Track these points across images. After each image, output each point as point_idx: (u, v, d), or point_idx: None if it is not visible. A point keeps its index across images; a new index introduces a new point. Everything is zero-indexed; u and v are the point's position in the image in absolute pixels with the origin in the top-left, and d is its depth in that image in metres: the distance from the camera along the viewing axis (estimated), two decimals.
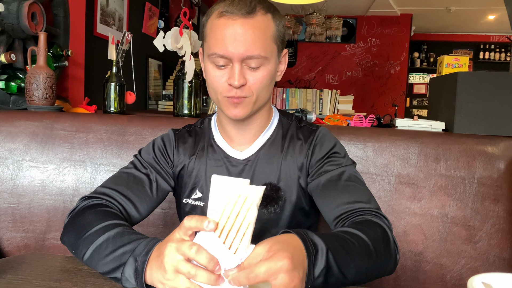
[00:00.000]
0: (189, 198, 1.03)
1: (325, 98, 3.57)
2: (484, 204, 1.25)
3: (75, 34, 2.16)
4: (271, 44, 0.89)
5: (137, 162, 1.01)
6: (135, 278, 0.66)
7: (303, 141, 1.00)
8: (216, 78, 0.90)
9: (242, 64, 0.87)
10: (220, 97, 0.92)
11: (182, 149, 1.04)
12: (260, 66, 0.88)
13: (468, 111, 1.36)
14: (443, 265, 1.25)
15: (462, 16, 6.17)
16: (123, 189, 0.94)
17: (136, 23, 3.47)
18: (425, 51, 7.49)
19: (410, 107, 7.25)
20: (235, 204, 0.59)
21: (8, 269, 0.73)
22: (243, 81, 0.87)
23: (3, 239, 1.29)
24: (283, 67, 0.99)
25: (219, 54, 0.86)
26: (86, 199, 0.91)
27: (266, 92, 0.93)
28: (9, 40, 1.72)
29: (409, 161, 1.29)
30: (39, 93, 1.60)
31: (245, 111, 0.91)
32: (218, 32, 0.87)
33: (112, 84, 1.67)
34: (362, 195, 0.89)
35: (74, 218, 0.86)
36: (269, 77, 0.91)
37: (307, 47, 6.55)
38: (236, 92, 0.88)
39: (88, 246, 0.75)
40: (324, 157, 0.97)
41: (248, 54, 0.85)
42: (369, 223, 0.81)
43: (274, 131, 1.02)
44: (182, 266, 0.60)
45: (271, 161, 0.99)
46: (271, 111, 1.04)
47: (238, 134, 1.00)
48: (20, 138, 1.33)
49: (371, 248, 0.74)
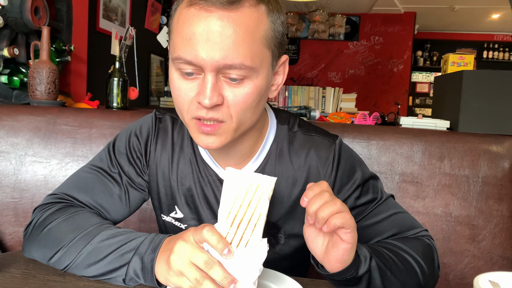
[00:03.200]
0: (167, 215, 0.86)
1: (328, 96, 3.57)
2: (488, 203, 1.25)
3: (78, 29, 2.15)
4: (262, 50, 0.65)
5: (107, 160, 0.83)
6: (144, 276, 0.65)
7: (319, 165, 0.79)
8: (182, 92, 0.66)
9: (218, 75, 0.64)
10: (187, 119, 0.69)
11: (161, 145, 0.83)
12: (244, 79, 0.64)
13: (473, 110, 1.36)
14: (446, 264, 1.25)
15: (466, 15, 6.15)
16: (86, 196, 0.79)
17: (139, 18, 3.46)
18: (429, 50, 7.48)
19: (412, 106, 7.24)
20: (247, 192, 0.59)
21: (11, 263, 0.73)
22: (217, 100, 0.63)
23: (5, 233, 1.29)
24: (281, 80, 0.74)
25: (185, 60, 0.63)
26: (47, 206, 0.78)
27: (251, 115, 0.69)
28: (12, 34, 1.71)
29: (413, 160, 1.28)
30: (42, 88, 1.59)
31: (221, 141, 0.68)
32: (186, 27, 0.63)
33: (115, 79, 1.66)
34: (404, 224, 0.81)
35: (40, 228, 0.73)
36: (256, 96, 0.66)
37: (310, 44, 6.53)
38: (207, 113, 0.65)
39: (74, 256, 0.68)
40: (351, 197, 0.79)
41: (225, 63, 0.62)
42: (413, 241, 0.78)
43: (271, 148, 0.80)
44: (188, 271, 0.59)
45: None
46: (265, 122, 0.81)
47: (220, 155, 0.80)
48: (23, 132, 1.32)
49: (415, 267, 0.73)
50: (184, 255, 0.60)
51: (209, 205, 0.82)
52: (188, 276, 0.59)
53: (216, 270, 0.58)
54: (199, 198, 0.82)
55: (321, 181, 0.64)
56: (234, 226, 0.59)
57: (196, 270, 0.59)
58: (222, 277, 0.58)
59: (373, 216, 0.80)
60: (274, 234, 0.83)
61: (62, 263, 0.70)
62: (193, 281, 0.59)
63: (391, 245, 0.75)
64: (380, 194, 0.83)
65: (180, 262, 0.60)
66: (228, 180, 0.61)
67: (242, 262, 0.59)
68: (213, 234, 0.58)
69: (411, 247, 0.75)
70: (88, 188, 0.81)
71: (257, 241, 0.60)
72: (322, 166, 0.79)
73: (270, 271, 0.72)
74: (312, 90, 3.63)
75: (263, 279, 0.70)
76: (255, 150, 0.80)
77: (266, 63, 0.67)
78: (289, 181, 0.80)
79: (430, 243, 0.80)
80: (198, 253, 0.59)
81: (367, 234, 0.81)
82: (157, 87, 3.93)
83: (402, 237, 0.80)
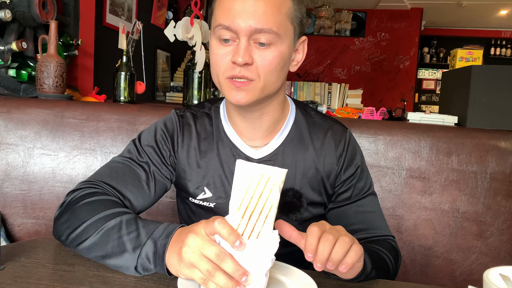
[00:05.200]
0: (194, 198, 0.93)
1: (334, 91, 3.55)
2: (496, 200, 1.24)
3: (85, 23, 2.16)
4: (286, 22, 0.79)
5: (134, 151, 0.90)
6: (155, 260, 0.66)
7: (334, 146, 0.92)
8: (219, 56, 0.79)
9: (250, 40, 0.77)
10: (221, 79, 0.81)
11: (187, 137, 0.92)
12: (271, 44, 0.78)
13: (482, 105, 1.35)
14: (453, 260, 1.24)
15: (474, 11, 6.10)
16: (117, 183, 0.84)
17: (145, 13, 3.46)
18: (435, 46, 7.42)
19: (418, 103, 7.20)
20: (258, 184, 0.59)
21: (21, 253, 0.73)
22: (248, 59, 0.77)
23: (14, 225, 1.30)
24: (301, 57, 0.88)
25: (224, 25, 0.77)
26: (82, 188, 0.82)
27: (276, 78, 0.81)
28: (20, 29, 1.72)
29: (420, 155, 1.28)
30: (50, 82, 1.60)
31: (249, 97, 0.80)
32: (226, 2, 0.78)
33: (122, 73, 1.67)
34: (379, 224, 0.93)
35: (69, 207, 0.78)
36: (280, 60, 0.80)
37: (315, 40, 6.51)
38: (240, 71, 0.77)
39: (93, 232, 0.71)
40: (352, 176, 0.93)
41: (257, 27, 0.75)
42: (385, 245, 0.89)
43: (292, 128, 0.92)
44: (200, 264, 0.59)
45: (291, 162, 0.90)
46: (286, 103, 0.93)
47: (247, 128, 0.90)
48: (31, 125, 1.33)
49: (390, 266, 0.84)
50: (196, 247, 0.60)
51: None
52: (200, 268, 0.59)
53: (227, 263, 0.59)
54: (226, 176, 0.90)
55: (320, 222, 0.68)
56: (246, 218, 0.59)
57: (208, 262, 0.59)
58: (233, 269, 0.58)
59: (360, 204, 0.93)
60: (299, 198, 0.91)
61: (79, 238, 0.72)
62: (205, 273, 0.59)
63: (371, 246, 0.85)
64: (369, 186, 0.96)
65: (192, 255, 0.60)
66: (239, 172, 0.61)
67: (254, 254, 0.59)
68: (224, 226, 0.58)
69: (386, 249, 0.87)
70: (119, 175, 0.86)
71: (269, 232, 0.60)
72: (337, 147, 0.92)
73: (280, 264, 0.72)
74: (318, 86, 3.61)
75: (274, 272, 0.70)
76: (279, 127, 0.91)
77: (289, 35, 0.80)
78: (310, 157, 0.91)
79: (396, 247, 0.92)
80: (210, 245, 0.59)
81: (348, 218, 0.92)
82: (163, 82, 3.94)
83: (374, 237, 0.91)
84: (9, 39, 1.65)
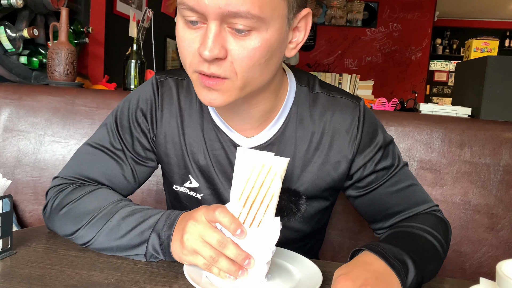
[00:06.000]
0: (181, 185, 0.82)
1: (344, 82, 3.52)
2: (508, 193, 1.22)
3: (96, 11, 2.16)
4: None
5: (108, 135, 0.79)
6: (162, 251, 0.66)
7: (344, 127, 0.75)
8: (185, 42, 0.60)
9: (223, 25, 0.57)
10: (190, 72, 0.63)
11: (168, 112, 0.77)
12: (252, 30, 0.57)
13: (496, 97, 1.32)
14: (463, 252, 1.23)
15: (488, 2, 5.97)
16: (93, 175, 0.78)
17: (155, 2, 3.45)
18: (448, 38, 7.31)
19: (430, 95, 7.12)
20: (259, 174, 0.58)
21: (33, 238, 0.74)
22: (219, 52, 0.57)
23: (25, 211, 1.31)
24: (302, 37, 0.66)
25: (187, 6, 0.57)
26: (61, 187, 0.77)
27: (261, 74, 0.62)
28: (31, 16, 1.72)
29: (432, 147, 1.26)
30: (61, 69, 1.61)
31: (224, 98, 0.62)
32: None
33: (133, 61, 1.67)
34: (418, 199, 0.81)
35: (58, 208, 0.74)
36: (264, 51, 0.59)
37: (326, 30, 6.44)
38: (209, 68, 0.59)
39: (94, 233, 0.69)
40: (372, 159, 0.77)
41: (230, 9, 0.55)
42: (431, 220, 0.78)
43: (291, 111, 0.75)
44: (202, 250, 0.60)
45: (289, 153, 0.76)
46: (283, 84, 0.75)
47: (235, 118, 0.74)
48: (42, 112, 1.34)
49: (438, 248, 0.73)
50: (197, 234, 0.60)
51: (224, 173, 0.79)
52: (203, 254, 0.60)
53: (230, 248, 0.59)
54: (213, 165, 0.78)
55: (353, 272, 0.59)
56: (247, 207, 0.59)
57: (210, 248, 0.59)
58: (236, 254, 0.59)
59: (391, 184, 0.80)
60: (296, 202, 0.79)
61: (83, 239, 0.71)
62: (208, 259, 0.59)
63: (412, 229, 0.75)
64: (398, 160, 0.81)
65: (194, 241, 0.60)
66: (239, 160, 0.60)
67: (255, 242, 0.59)
68: (225, 215, 0.58)
69: (430, 225, 0.75)
70: (94, 167, 0.78)
71: (270, 221, 0.60)
72: (347, 129, 0.75)
73: (287, 252, 0.72)
74: (329, 76, 3.58)
75: (280, 260, 0.70)
76: (274, 114, 0.74)
77: (280, 14, 0.59)
78: (312, 145, 0.76)
79: (443, 218, 0.81)
80: (211, 232, 0.60)
81: (382, 203, 0.81)
82: None
83: (415, 214, 0.81)
84: (20, 26, 1.66)
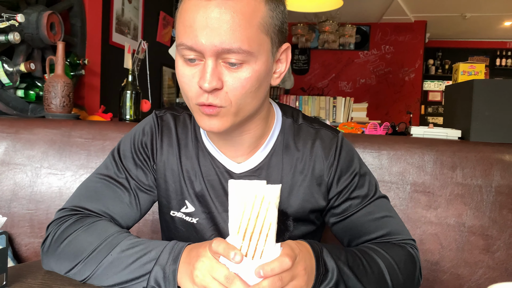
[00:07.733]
0: (178, 211, 0.86)
1: (339, 105, 3.57)
2: (502, 213, 1.23)
3: (92, 43, 2.20)
4: (259, 35, 0.68)
5: (112, 166, 0.84)
6: (165, 285, 0.67)
7: (323, 154, 0.83)
8: (186, 78, 0.70)
9: (218, 60, 0.67)
10: (192, 105, 0.72)
11: (167, 142, 0.85)
12: (243, 63, 0.67)
13: (485, 119, 1.35)
14: (460, 275, 1.23)
15: (478, 23, 6.11)
16: (98, 205, 0.80)
17: (151, 32, 3.52)
18: (440, 58, 7.44)
19: (425, 115, 7.18)
20: (254, 205, 0.59)
21: (28, 274, 0.74)
22: (216, 84, 0.67)
23: (21, 244, 1.31)
24: (284, 67, 0.77)
25: (186, 45, 0.67)
26: (62, 219, 0.79)
27: (251, 100, 0.71)
28: (29, 50, 1.76)
29: (424, 169, 1.27)
30: (57, 101, 1.63)
31: (222, 123, 0.71)
32: (187, 15, 0.67)
33: (128, 92, 1.69)
34: (395, 229, 0.84)
35: (58, 242, 0.75)
36: (255, 81, 0.69)
37: (320, 54, 6.56)
38: (208, 98, 0.68)
39: (95, 266, 0.70)
40: (349, 186, 0.83)
41: (224, 47, 0.65)
42: (393, 248, 0.80)
43: (277, 139, 0.84)
44: (212, 286, 0.61)
45: (276, 177, 0.82)
46: (270, 114, 0.84)
47: (227, 145, 0.82)
48: (38, 145, 1.35)
49: (386, 277, 0.75)
50: (206, 271, 0.62)
51: (218, 197, 0.83)
52: None
53: (236, 284, 0.60)
54: (208, 191, 0.83)
55: (298, 244, 0.67)
56: (247, 239, 0.60)
57: (219, 284, 0.61)
58: None
59: (366, 213, 0.83)
60: (283, 221, 0.84)
61: (82, 274, 0.71)
62: None
63: (369, 249, 0.77)
64: (374, 191, 0.86)
65: (204, 278, 0.62)
66: (232, 193, 0.61)
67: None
68: (219, 244, 0.60)
69: (390, 253, 0.78)
70: (98, 197, 0.81)
71: (271, 250, 0.61)
72: (326, 156, 0.83)
73: None
74: (323, 99, 3.63)
75: None
76: (262, 141, 0.83)
77: (265, 49, 0.70)
78: (297, 170, 0.83)
79: (413, 252, 0.82)
80: (218, 268, 0.61)
81: (356, 231, 0.84)
82: (169, 99, 3.98)
83: (386, 241, 0.83)
84: (17, 61, 1.69)
